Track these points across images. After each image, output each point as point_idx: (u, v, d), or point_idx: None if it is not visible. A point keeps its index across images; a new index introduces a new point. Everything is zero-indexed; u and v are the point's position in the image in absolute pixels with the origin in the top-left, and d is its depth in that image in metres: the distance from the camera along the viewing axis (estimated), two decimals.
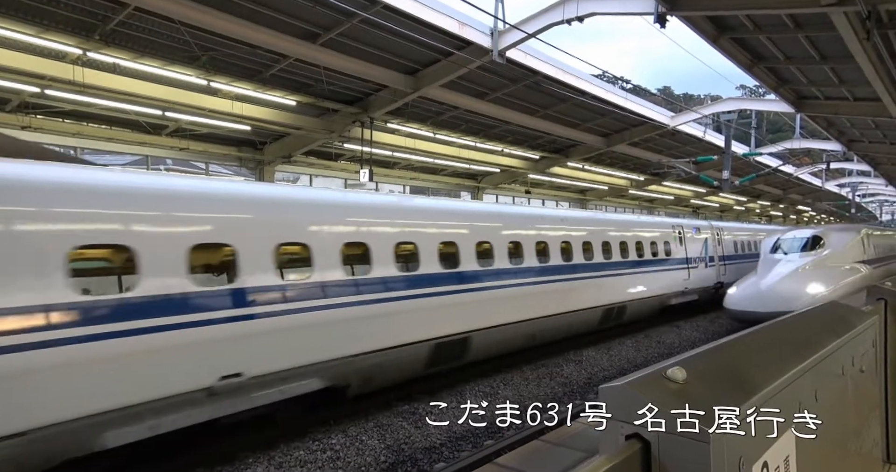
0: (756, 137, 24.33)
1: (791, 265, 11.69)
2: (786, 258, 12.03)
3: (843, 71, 11.26)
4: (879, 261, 14.31)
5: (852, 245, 12.92)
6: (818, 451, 1.84)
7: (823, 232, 12.77)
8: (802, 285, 10.85)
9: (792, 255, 12.11)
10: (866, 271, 12.58)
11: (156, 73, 10.70)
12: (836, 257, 12.04)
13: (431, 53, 11.63)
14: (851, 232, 13.69)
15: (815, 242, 12.36)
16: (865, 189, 40.12)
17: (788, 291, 10.58)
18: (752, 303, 10.58)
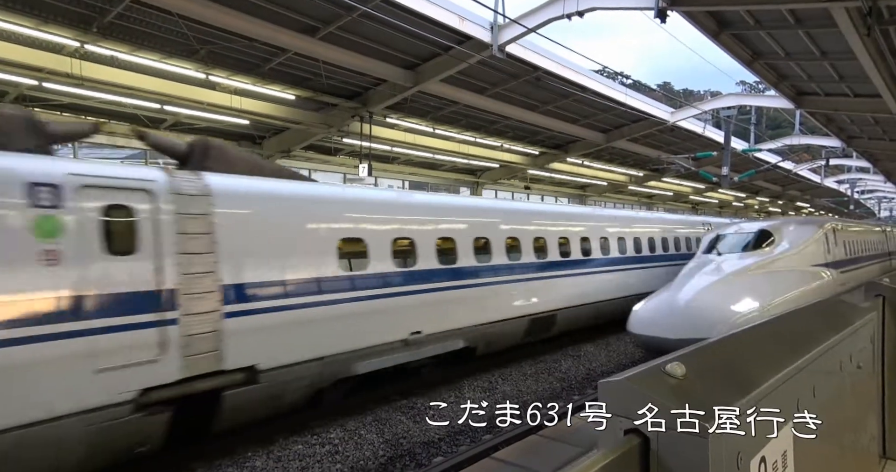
0: (755, 133, 24.31)
1: (721, 271, 8.81)
2: (719, 261, 9.19)
3: (844, 67, 11.23)
4: (851, 263, 11.57)
5: (811, 243, 10.10)
6: (816, 446, 1.85)
7: (775, 226, 10.22)
8: (729, 300, 7.81)
9: (729, 256, 9.32)
10: (829, 276, 9.89)
11: (154, 66, 10.65)
12: (789, 259, 9.40)
13: (431, 48, 11.57)
14: (811, 226, 10.73)
15: (762, 239, 9.64)
16: (864, 185, 40.19)
17: (706, 309, 7.55)
18: (657, 326, 7.70)
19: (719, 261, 9.22)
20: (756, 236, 9.80)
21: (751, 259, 9.19)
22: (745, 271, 8.83)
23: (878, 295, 4.04)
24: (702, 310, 7.59)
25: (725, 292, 8.08)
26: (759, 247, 9.53)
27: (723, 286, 8.32)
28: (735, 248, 9.58)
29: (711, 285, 8.33)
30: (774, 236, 9.70)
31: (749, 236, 9.86)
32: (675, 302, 7.97)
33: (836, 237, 10.99)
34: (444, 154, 18.93)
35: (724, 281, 8.49)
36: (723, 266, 8.99)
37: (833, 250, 10.61)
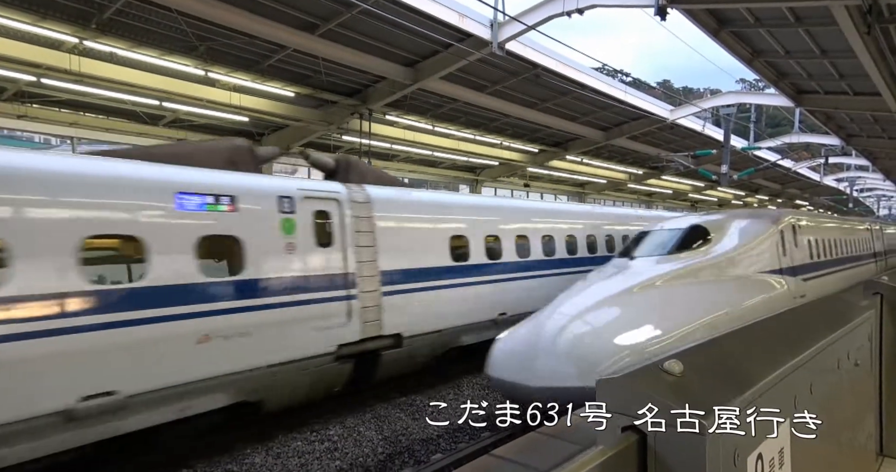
0: (755, 131, 24.29)
1: (623, 283, 6.40)
2: (629, 268, 6.86)
3: (843, 65, 11.23)
4: (819, 268, 9.07)
5: (760, 243, 7.59)
6: (813, 444, 1.86)
7: (712, 221, 7.88)
8: (618, 328, 5.48)
9: (644, 261, 6.97)
10: (783, 286, 7.47)
11: (153, 62, 10.62)
12: (725, 265, 6.97)
13: (431, 45, 11.55)
14: (762, 221, 8.11)
15: (694, 237, 7.27)
16: (863, 184, 40.22)
17: (580, 344, 5.27)
18: (515, 367, 5.34)
19: (629, 268, 6.82)
20: (684, 235, 7.28)
21: (670, 265, 6.68)
22: (656, 283, 6.31)
23: (877, 293, 4.05)
24: (574, 345, 5.18)
25: (616, 316, 5.67)
26: (689, 248, 7.06)
27: (615, 307, 5.82)
28: (656, 250, 7.12)
29: (599, 305, 5.78)
30: (711, 233, 7.25)
31: (676, 233, 7.34)
32: (540, 332, 5.43)
33: (798, 235, 8.49)
34: (443, 152, 18.92)
35: (618, 298, 5.97)
36: (629, 276, 6.55)
37: (792, 251, 8.07)
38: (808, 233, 9.18)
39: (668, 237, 7.45)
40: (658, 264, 6.90)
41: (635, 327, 5.46)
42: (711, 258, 7.05)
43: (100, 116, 13.43)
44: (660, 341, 5.27)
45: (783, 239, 8.05)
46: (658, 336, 5.34)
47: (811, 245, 9.11)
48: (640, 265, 6.86)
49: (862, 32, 8.10)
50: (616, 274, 6.79)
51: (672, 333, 5.39)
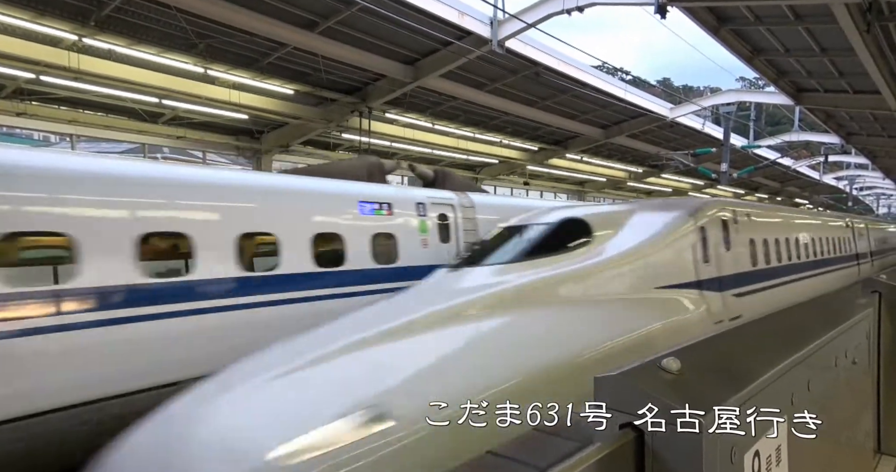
0: (755, 129, 24.29)
1: (413, 310, 3.90)
2: (446, 285, 4.63)
3: (843, 63, 11.22)
4: (763, 278, 6.68)
5: (666, 246, 5.28)
6: (810, 441, 1.86)
7: (600, 214, 5.71)
8: (318, 417, 2.68)
9: (482, 272, 4.65)
10: (703, 308, 5.19)
11: (152, 60, 10.60)
12: (605, 279, 4.69)
13: (430, 43, 11.53)
14: (675, 213, 5.69)
15: (567, 236, 5.07)
16: (863, 182, 40.22)
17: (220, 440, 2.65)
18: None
19: (445, 284, 4.64)
20: (550, 232, 5.11)
21: (509, 279, 4.34)
22: (467, 311, 3.80)
23: (875, 291, 4.06)
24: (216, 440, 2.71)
25: (335, 386, 2.98)
26: (554, 251, 4.81)
27: (352, 364, 3.16)
28: (506, 255, 4.91)
29: (320, 364, 3.17)
30: (593, 231, 5.06)
31: (539, 230, 5.15)
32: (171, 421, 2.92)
33: (731, 234, 6.07)
34: (443, 150, 18.91)
35: (374, 344, 3.33)
36: (431, 298, 4.28)
37: (718, 256, 5.71)
38: (749, 231, 6.56)
39: (528, 236, 5.15)
40: (495, 276, 4.43)
41: (361, 408, 2.71)
42: (581, 268, 4.62)
43: (99, 113, 13.41)
44: (387, 437, 2.61)
45: (704, 239, 5.59)
46: (387, 432, 2.63)
47: (753, 247, 6.61)
48: (467, 279, 4.51)
49: (862, 30, 8.09)
50: (413, 295, 4.46)
51: (433, 414, 2.44)
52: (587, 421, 1.31)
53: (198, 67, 11.07)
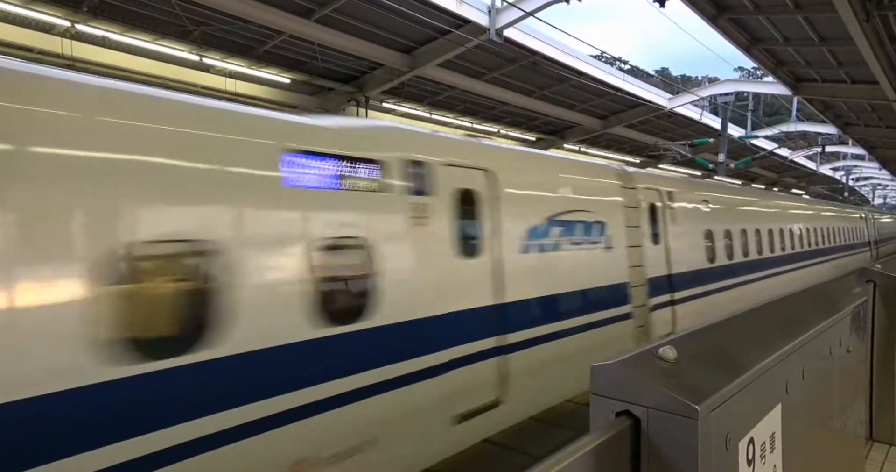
0: (753, 119, 24.26)
1: None
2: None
3: (842, 53, 11.17)
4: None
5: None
6: (803, 428, 1.89)
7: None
8: None
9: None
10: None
11: (146, 47, 10.47)
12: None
13: (428, 32, 11.42)
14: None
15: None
16: (859, 172, 40.30)
17: None
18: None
19: None
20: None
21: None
22: None
23: (870, 281, 4.09)
24: None
25: None
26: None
27: None
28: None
29: None
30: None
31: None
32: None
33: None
34: None
35: None
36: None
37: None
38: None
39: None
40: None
41: None
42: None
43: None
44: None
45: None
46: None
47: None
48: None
49: (861, 20, 8.04)
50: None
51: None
52: (584, 410, 1.32)
53: (193, 55, 10.95)
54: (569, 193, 5.34)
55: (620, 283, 5.89)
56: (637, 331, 6.14)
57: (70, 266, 2.38)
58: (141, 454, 2.47)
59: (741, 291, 8.59)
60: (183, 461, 2.61)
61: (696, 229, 7.69)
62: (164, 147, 2.77)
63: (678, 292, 7.00)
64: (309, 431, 3.08)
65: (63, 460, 2.25)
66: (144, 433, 2.49)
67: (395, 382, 3.50)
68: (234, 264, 2.84)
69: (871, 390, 4.03)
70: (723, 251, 8.25)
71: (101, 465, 2.34)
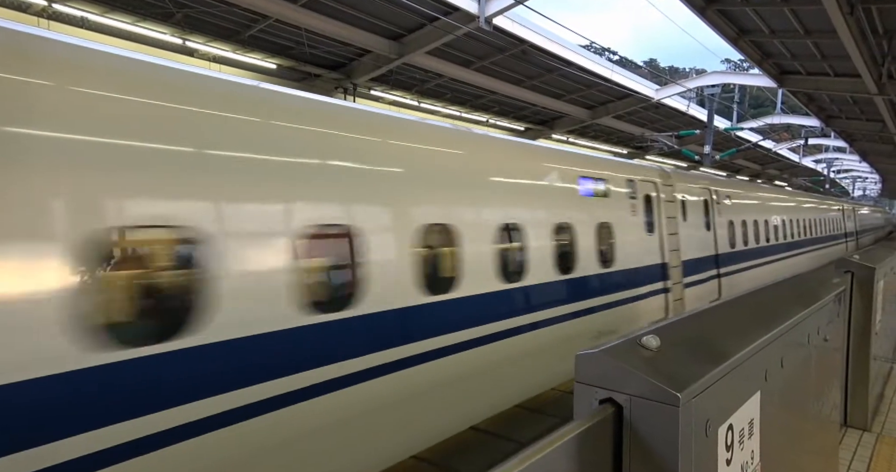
0: (738, 111, 24.45)
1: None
2: None
3: (826, 46, 11.29)
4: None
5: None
6: (781, 414, 1.93)
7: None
8: None
9: None
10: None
11: (127, 29, 10.21)
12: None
13: (417, 18, 11.29)
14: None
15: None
16: (840, 165, 40.95)
17: None
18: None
19: None
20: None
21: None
22: None
23: (848, 271, 4.18)
24: None
25: None
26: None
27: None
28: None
29: None
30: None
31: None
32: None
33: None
34: None
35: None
36: None
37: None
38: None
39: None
40: None
41: None
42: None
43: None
44: None
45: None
46: None
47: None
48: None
49: (845, 12, 8.11)
50: None
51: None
52: (569, 397, 1.34)
53: (175, 38, 10.70)
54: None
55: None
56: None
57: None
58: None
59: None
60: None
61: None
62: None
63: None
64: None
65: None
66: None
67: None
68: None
69: (847, 378, 4.14)
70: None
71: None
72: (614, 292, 6.26)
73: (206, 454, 2.69)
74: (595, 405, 1.31)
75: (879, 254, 5.11)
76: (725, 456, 1.47)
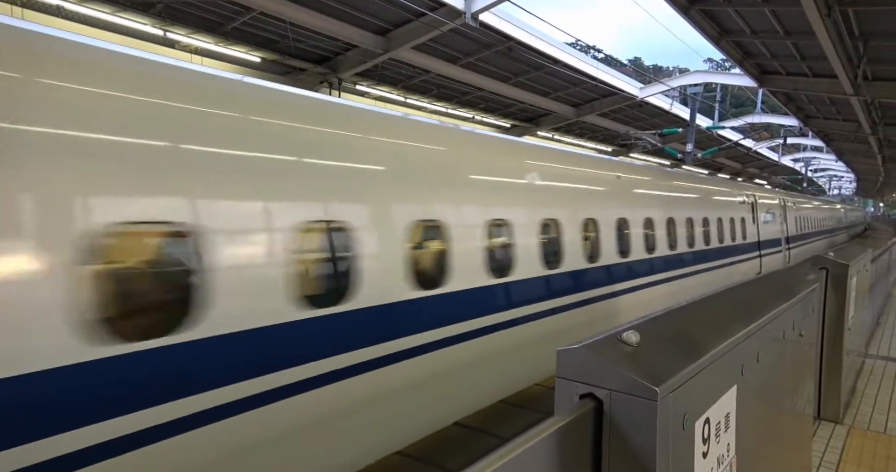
0: (720, 110, 24.79)
1: None
2: None
3: (805, 47, 11.50)
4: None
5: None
6: (756, 408, 1.98)
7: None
8: None
9: None
10: None
11: (105, 19, 9.98)
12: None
13: (403, 13, 11.22)
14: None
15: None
16: (818, 164, 41.83)
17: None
18: None
19: None
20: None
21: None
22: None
23: (823, 268, 4.29)
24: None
25: None
26: None
27: None
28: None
29: None
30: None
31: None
32: None
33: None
34: None
35: None
36: None
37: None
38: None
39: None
40: None
41: None
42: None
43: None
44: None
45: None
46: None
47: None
48: None
49: (823, 14, 8.27)
50: None
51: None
52: (552, 393, 1.35)
53: (156, 29, 10.49)
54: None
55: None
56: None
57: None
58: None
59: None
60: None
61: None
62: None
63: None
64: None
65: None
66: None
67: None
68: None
69: (820, 372, 4.25)
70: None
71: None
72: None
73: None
74: (576, 399, 1.33)
75: (852, 251, 5.25)
76: (702, 449, 1.51)
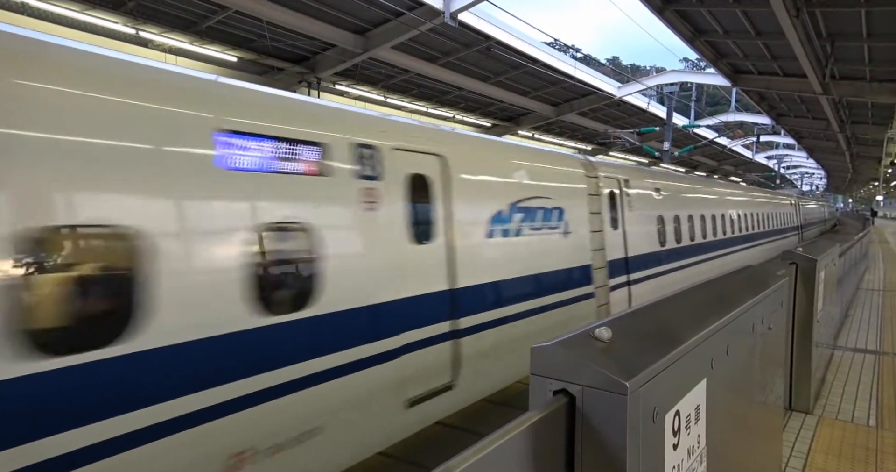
0: (696, 109, 25.25)
1: None
2: None
3: (776, 47, 11.80)
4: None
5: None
6: (727, 400, 2.04)
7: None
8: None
9: None
10: None
11: (74, 17, 9.72)
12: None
13: (382, 13, 11.18)
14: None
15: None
16: (790, 161, 42.91)
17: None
18: None
19: None
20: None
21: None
22: None
23: (793, 263, 4.41)
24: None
25: None
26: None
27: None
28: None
29: None
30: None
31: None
32: None
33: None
34: None
35: None
36: None
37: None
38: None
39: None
40: None
41: None
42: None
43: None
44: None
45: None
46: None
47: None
48: None
49: (791, 15, 8.49)
50: None
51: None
52: (525, 384, 1.37)
53: (128, 28, 10.27)
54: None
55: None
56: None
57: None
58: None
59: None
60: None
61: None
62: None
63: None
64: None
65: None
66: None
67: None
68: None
69: (791, 364, 4.37)
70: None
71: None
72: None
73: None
74: (549, 396, 1.35)
75: (821, 245, 5.41)
76: (672, 441, 1.55)
